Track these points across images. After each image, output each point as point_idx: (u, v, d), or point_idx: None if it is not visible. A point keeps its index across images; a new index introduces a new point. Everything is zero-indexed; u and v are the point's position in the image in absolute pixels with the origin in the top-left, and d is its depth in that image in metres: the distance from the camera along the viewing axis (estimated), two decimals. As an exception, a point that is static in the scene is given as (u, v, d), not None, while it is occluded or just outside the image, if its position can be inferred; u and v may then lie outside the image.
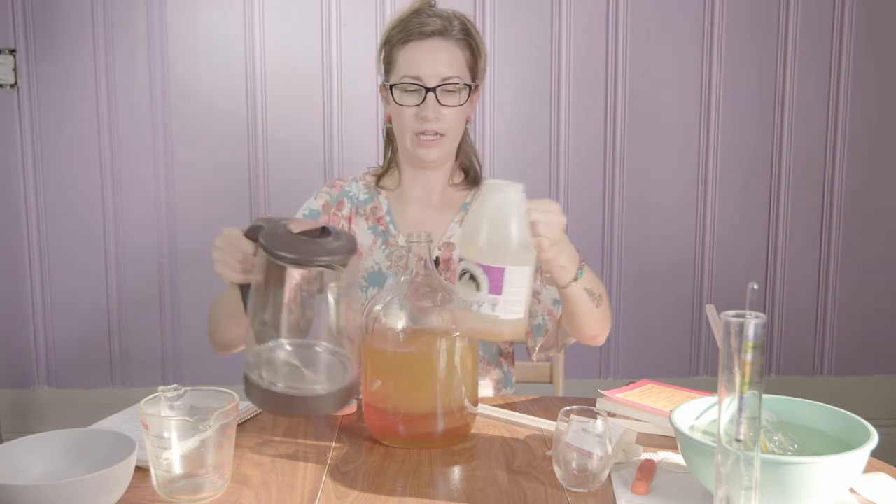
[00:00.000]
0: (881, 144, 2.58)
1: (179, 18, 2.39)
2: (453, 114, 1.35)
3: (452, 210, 1.46)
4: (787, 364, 2.66)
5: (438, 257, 1.42)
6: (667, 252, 2.58)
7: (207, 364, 2.49)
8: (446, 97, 1.33)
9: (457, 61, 1.34)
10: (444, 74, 1.32)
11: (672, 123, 2.53)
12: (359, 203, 1.46)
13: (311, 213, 1.45)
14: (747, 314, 0.77)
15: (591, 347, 2.64)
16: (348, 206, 1.45)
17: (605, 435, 0.98)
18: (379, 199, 1.46)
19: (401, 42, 1.34)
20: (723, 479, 0.80)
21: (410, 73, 1.32)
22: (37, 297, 2.46)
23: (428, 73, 1.32)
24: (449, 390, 1.12)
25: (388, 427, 1.13)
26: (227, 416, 0.98)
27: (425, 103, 1.32)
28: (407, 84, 1.33)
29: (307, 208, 1.46)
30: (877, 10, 2.52)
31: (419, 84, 1.32)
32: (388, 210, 1.45)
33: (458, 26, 1.35)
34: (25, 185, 2.42)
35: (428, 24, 1.32)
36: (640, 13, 2.47)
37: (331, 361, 1.01)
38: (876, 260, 2.63)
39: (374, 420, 1.15)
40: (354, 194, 1.46)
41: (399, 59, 1.34)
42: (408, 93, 1.34)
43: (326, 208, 1.45)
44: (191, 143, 2.44)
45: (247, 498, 0.98)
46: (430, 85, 1.32)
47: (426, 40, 1.32)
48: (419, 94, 1.33)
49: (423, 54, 1.32)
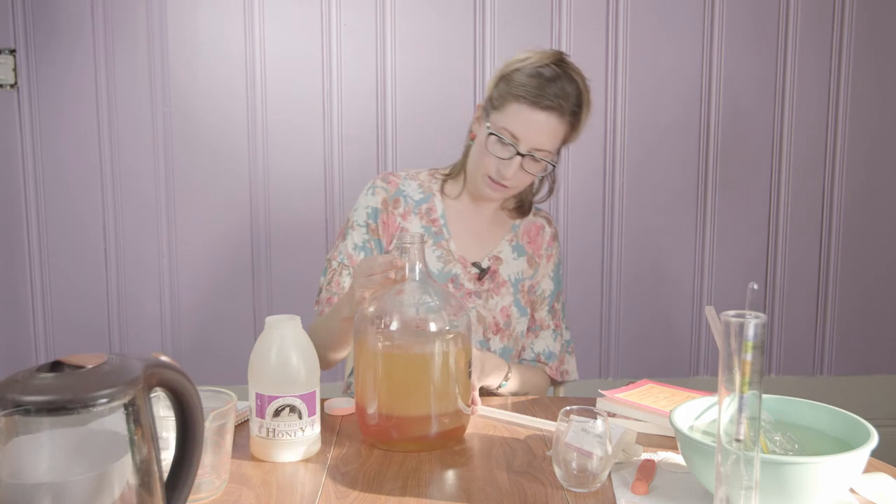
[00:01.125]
0: (881, 144, 2.58)
1: (179, 19, 2.39)
2: (528, 178, 1.40)
3: (503, 228, 1.52)
4: (787, 364, 2.66)
5: (489, 267, 1.47)
6: (667, 252, 2.58)
7: (206, 364, 2.49)
8: (531, 164, 1.37)
9: (556, 137, 1.37)
10: (539, 146, 1.36)
11: (672, 123, 2.53)
12: (414, 203, 1.48)
13: (372, 212, 1.46)
14: (747, 314, 0.77)
15: (591, 347, 2.65)
16: (403, 205, 1.47)
17: (605, 435, 0.97)
18: (434, 201, 1.49)
19: (517, 96, 1.34)
20: (723, 479, 0.79)
21: (512, 130, 1.35)
22: (37, 297, 2.46)
23: (526, 140, 1.35)
24: (443, 392, 1.12)
25: (382, 431, 1.13)
26: (225, 416, 0.98)
27: (510, 162, 1.36)
28: (504, 137, 1.35)
29: (367, 206, 1.47)
30: (877, 10, 2.52)
31: (514, 144, 1.35)
32: (443, 214, 1.48)
33: (573, 103, 1.36)
34: (25, 185, 2.42)
35: (548, 96, 1.33)
36: (640, 13, 2.47)
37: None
38: (876, 260, 2.63)
39: (367, 424, 1.15)
40: (409, 194, 1.49)
41: (508, 109, 1.35)
42: (501, 144, 1.36)
43: (385, 205, 1.46)
44: (191, 143, 2.44)
45: (247, 498, 0.98)
46: (522, 150, 1.35)
47: (540, 111, 1.34)
48: (509, 151, 1.35)
49: (532, 122, 1.34)
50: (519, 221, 1.54)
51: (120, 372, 0.73)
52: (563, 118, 1.36)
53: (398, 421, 1.11)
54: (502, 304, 1.47)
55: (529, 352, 1.54)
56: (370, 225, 1.46)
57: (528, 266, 1.52)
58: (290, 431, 1.08)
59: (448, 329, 1.13)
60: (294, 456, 1.09)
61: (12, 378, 0.72)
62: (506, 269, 1.49)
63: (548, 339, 1.54)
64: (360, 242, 1.45)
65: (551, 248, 1.55)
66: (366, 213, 1.46)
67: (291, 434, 1.08)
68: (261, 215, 2.47)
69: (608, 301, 2.58)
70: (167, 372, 0.78)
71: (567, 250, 2.54)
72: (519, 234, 1.53)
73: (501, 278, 1.48)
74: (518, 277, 1.50)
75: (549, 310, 1.54)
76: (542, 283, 1.53)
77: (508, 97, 1.36)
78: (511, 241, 1.51)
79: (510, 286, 1.48)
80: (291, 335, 1.10)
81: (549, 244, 1.55)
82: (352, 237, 1.46)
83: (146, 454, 0.75)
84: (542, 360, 1.53)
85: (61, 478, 0.79)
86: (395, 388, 1.12)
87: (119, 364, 0.73)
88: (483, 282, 1.46)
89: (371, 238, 1.46)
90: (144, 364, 0.75)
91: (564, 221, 2.53)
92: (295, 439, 1.08)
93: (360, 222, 1.46)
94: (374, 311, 1.14)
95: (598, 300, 2.58)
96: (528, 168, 1.37)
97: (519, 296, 1.49)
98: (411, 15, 2.43)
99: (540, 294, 1.53)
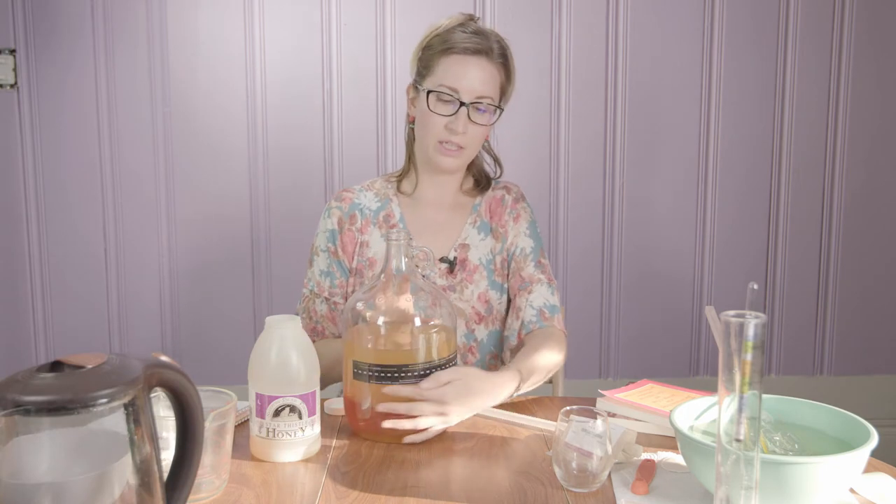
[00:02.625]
0: (881, 144, 2.58)
1: (179, 19, 2.39)
2: (479, 131, 1.40)
3: (464, 212, 1.50)
4: (787, 364, 2.66)
5: (456, 258, 1.47)
6: (667, 252, 2.58)
7: (206, 364, 2.50)
8: (476, 114, 1.38)
9: (493, 82, 1.38)
10: (480, 92, 1.36)
11: (672, 123, 2.53)
12: (371, 213, 1.48)
13: (330, 235, 1.48)
14: (747, 314, 0.76)
15: (591, 347, 2.65)
16: (360, 219, 1.48)
17: (605, 435, 0.97)
18: (391, 206, 1.49)
19: (443, 51, 1.37)
20: (723, 479, 0.79)
21: (449, 84, 1.36)
22: (37, 297, 2.46)
23: (465, 88, 1.36)
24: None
25: (369, 422, 1.15)
26: (225, 416, 0.98)
27: (457, 116, 1.36)
28: (443, 93, 1.36)
29: (325, 230, 1.48)
30: (877, 10, 2.52)
31: (455, 96, 1.36)
32: (401, 217, 1.48)
33: (497, 49, 1.39)
34: (25, 185, 2.42)
35: (473, 41, 1.36)
36: (640, 13, 2.47)
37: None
38: (876, 260, 2.63)
39: (354, 417, 1.17)
40: (365, 205, 1.49)
41: (438, 68, 1.37)
42: (442, 102, 1.37)
43: (341, 224, 1.48)
44: (191, 142, 2.44)
45: (247, 498, 0.98)
46: (465, 99, 1.36)
47: (469, 56, 1.36)
48: (452, 106, 1.36)
49: (465, 69, 1.36)
50: (479, 199, 1.51)
51: (120, 372, 0.73)
52: (494, 61, 1.38)
53: (386, 414, 1.13)
54: (478, 291, 1.46)
55: (529, 310, 1.44)
56: (330, 248, 1.48)
57: (494, 241, 1.49)
58: (290, 431, 1.08)
59: (433, 324, 1.16)
60: (294, 456, 1.09)
61: (12, 378, 0.72)
62: (475, 254, 1.47)
63: (544, 293, 1.46)
64: (324, 268, 1.47)
65: (516, 209, 1.51)
66: (325, 237, 1.48)
67: (291, 434, 1.08)
68: (261, 215, 2.47)
69: (608, 301, 2.58)
70: (167, 372, 0.78)
71: (567, 250, 2.54)
72: (481, 213, 1.51)
73: (472, 264, 1.47)
74: (489, 258, 1.48)
75: (536, 265, 1.48)
76: (518, 242, 1.49)
77: (435, 57, 1.38)
78: (475, 223, 1.49)
79: (482, 269, 1.47)
80: (291, 335, 1.10)
81: (513, 207, 1.51)
82: (317, 263, 1.48)
83: (146, 454, 0.75)
84: (547, 315, 1.45)
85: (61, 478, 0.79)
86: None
87: (119, 364, 0.74)
88: (455, 274, 1.46)
89: (333, 261, 1.47)
90: (144, 364, 0.75)
91: (564, 221, 2.53)
92: (295, 439, 1.08)
93: (322, 248, 1.48)
94: (360, 306, 1.16)
95: (598, 300, 2.58)
96: (476, 119, 1.37)
97: (494, 277, 1.48)
98: (411, 15, 2.43)
99: (521, 253, 1.48)
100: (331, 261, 1.47)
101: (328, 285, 1.46)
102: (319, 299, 1.46)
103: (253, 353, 1.10)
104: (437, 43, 1.38)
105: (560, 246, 2.54)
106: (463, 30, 1.37)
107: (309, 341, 1.12)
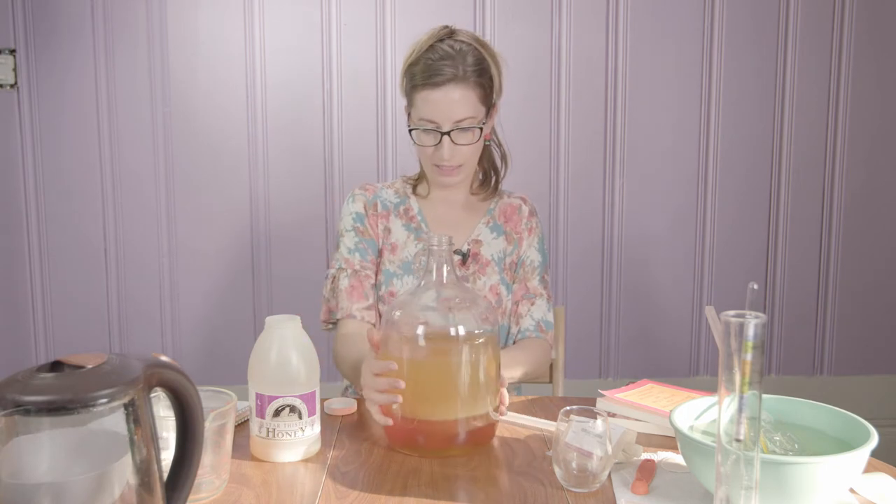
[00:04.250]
0: (881, 144, 2.58)
1: (179, 19, 2.39)
2: (468, 149, 1.44)
3: (478, 214, 1.57)
4: (787, 364, 2.66)
5: (469, 250, 1.52)
6: (667, 252, 2.58)
7: (206, 364, 2.50)
8: (460, 136, 1.41)
9: (469, 102, 1.40)
10: (458, 116, 1.40)
11: (672, 123, 2.53)
12: (392, 205, 1.55)
13: (357, 216, 1.53)
14: (747, 314, 0.76)
15: (591, 347, 2.65)
16: (381, 208, 1.55)
17: (605, 435, 0.97)
18: (409, 202, 1.56)
19: (416, 87, 1.41)
20: (723, 479, 0.79)
21: (427, 117, 1.41)
22: (37, 297, 2.46)
23: (442, 118, 1.40)
24: (472, 398, 1.10)
25: (408, 436, 1.11)
26: (225, 416, 0.98)
27: (441, 145, 1.41)
28: (424, 125, 1.42)
29: (351, 213, 1.54)
30: (877, 10, 2.52)
31: (435, 128, 1.41)
32: (419, 211, 1.55)
33: (470, 65, 1.40)
34: (25, 185, 2.42)
35: (440, 73, 1.38)
36: (640, 13, 2.47)
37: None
38: (876, 260, 2.63)
39: (393, 429, 1.13)
40: (386, 198, 1.56)
41: (416, 101, 1.42)
42: (426, 133, 1.43)
43: (366, 209, 1.54)
44: (191, 143, 2.44)
45: (247, 498, 0.98)
46: (444, 129, 1.40)
47: (439, 88, 1.38)
48: (435, 136, 1.42)
49: (437, 101, 1.39)
50: (493, 204, 1.58)
51: (120, 372, 0.73)
52: (466, 82, 1.39)
53: (425, 426, 1.09)
54: (490, 283, 1.52)
55: (529, 320, 1.52)
56: (358, 228, 1.52)
57: (506, 243, 1.56)
58: (290, 431, 1.08)
59: (477, 333, 1.10)
60: (294, 456, 1.09)
61: (12, 378, 0.72)
62: (487, 250, 1.53)
63: (543, 309, 1.54)
64: (352, 245, 1.51)
65: (531, 223, 1.58)
66: (351, 218, 1.53)
67: (291, 434, 1.08)
68: (261, 215, 2.47)
69: (608, 301, 2.58)
70: (167, 372, 0.78)
71: (567, 250, 2.54)
72: (495, 216, 1.57)
73: (484, 259, 1.53)
74: (500, 256, 1.54)
75: (541, 280, 1.56)
76: (529, 253, 1.56)
77: (412, 91, 1.43)
78: (488, 223, 1.56)
79: (494, 265, 1.53)
80: (291, 335, 1.10)
81: (529, 219, 1.58)
82: (344, 242, 1.53)
83: (146, 454, 0.75)
84: (543, 328, 1.53)
85: (61, 478, 0.79)
86: (424, 394, 1.10)
87: (119, 364, 0.73)
88: (467, 266, 1.52)
89: (362, 239, 1.52)
90: (144, 364, 0.75)
91: (564, 221, 2.53)
92: (295, 439, 1.08)
93: (349, 227, 1.53)
94: (400, 316, 1.12)
95: (598, 300, 2.58)
96: (460, 141, 1.41)
97: (503, 273, 1.54)
98: (411, 15, 2.43)
99: (529, 265, 1.56)
100: (360, 238, 1.52)
101: (358, 259, 1.50)
102: (345, 273, 1.49)
103: (253, 353, 1.10)
104: (409, 73, 1.43)
105: (560, 246, 2.54)
106: (430, 58, 1.39)
107: (309, 341, 1.12)
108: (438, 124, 1.40)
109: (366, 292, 1.48)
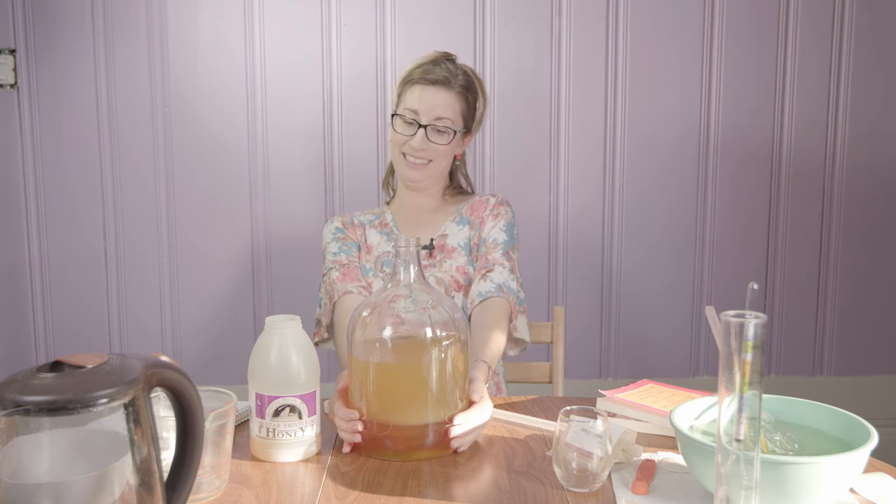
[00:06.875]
0: (881, 144, 2.58)
1: (179, 19, 2.39)
2: (440, 148, 1.57)
3: (446, 214, 1.67)
4: (787, 364, 2.66)
5: (434, 243, 1.60)
6: (667, 252, 2.57)
7: (206, 364, 2.50)
8: (435, 135, 1.56)
9: (451, 108, 1.56)
10: (438, 114, 1.55)
11: (672, 123, 2.53)
12: (367, 222, 1.68)
13: (337, 230, 1.65)
14: (747, 314, 0.76)
15: (591, 347, 2.65)
16: (358, 224, 1.67)
17: (605, 435, 0.97)
18: (385, 215, 1.68)
19: (409, 82, 1.58)
20: (723, 479, 0.79)
21: (410, 107, 1.56)
22: (37, 297, 2.46)
23: (424, 110, 1.55)
24: (441, 399, 1.10)
25: (376, 440, 1.10)
26: (225, 416, 0.98)
27: (416, 135, 1.55)
28: (406, 115, 1.56)
29: (330, 230, 1.65)
30: (877, 10, 2.52)
31: (414, 118, 1.55)
32: (392, 220, 1.67)
33: (461, 81, 1.58)
34: (25, 186, 2.42)
35: (435, 73, 1.56)
36: (640, 13, 2.47)
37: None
38: (876, 260, 2.63)
39: (362, 434, 1.11)
40: (363, 219, 1.69)
41: (406, 96, 1.58)
42: (406, 123, 1.57)
43: (344, 224, 1.67)
44: (191, 143, 2.44)
45: (247, 498, 0.98)
46: (423, 121, 1.55)
47: (429, 85, 1.56)
48: (413, 127, 1.55)
49: (423, 94, 1.56)
50: (463, 204, 1.66)
51: (120, 372, 0.73)
52: (453, 90, 1.56)
53: (394, 430, 1.09)
54: (457, 264, 1.58)
55: (489, 283, 1.52)
56: (339, 237, 1.63)
57: (470, 230, 1.62)
58: (290, 431, 1.08)
59: (445, 335, 1.10)
60: (294, 456, 1.09)
61: (12, 378, 0.72)
62: (453, 240, 1.61)
63: (505, 275, 1.54)
64: (336, 250, 1.61)
65: (497, 210, 1.64)
66: (332, 233, 1.65)
67: (291, 434, 1.08)
68: (261, 215, 2.47)
69: (608, 301, 2.58)
70: (167, 372, 0.78)
71: (567, 250, 2.54)
72: (463, 212, 1.65)
73: (450, 247, 1.60)
74: (465, 241, 1.61)
75: (503, 253, 1.58)
76: (493, 233, 1.60)
77: (405, 88, 1.59)
78: (455, 220, 1.64)
79: (460, 250, 1.60)
80: (291, 335, 1.10)
81: (495, 207, 1.64)
82: (329, 250, 1.63)
83: (146, 454, 0.75)
84: (505, 290, 1.52)
85: (61, 478, 0.79)
86: (391, 397, 1.10)
87: (119, 364, 0.74)
88: (433, 255, 1.60)
89: (345, 243, 1.62)
90: (144, 364, 0.75)
91: (564, 221, 2.53)
92: (295, 439, 1.08)
93: (330, 240, 1.64)
94: (367, 317, 1.11)
95: (598, 300, 2.58)
96: (433, 138, 1.55)
97: (470, 256, 1.60)
98: (411, 15, 2.43)
99: (492, 242, 1.59)
100: (342, 243, 1.62)
101: (345, 256, 1.60)
102: (335, 268, 1.58)
103: (253, 353, 1.10)
104: (407, 75, 1.59)
105: (560, 246, 2.54)
106: (430, 63, 1.58)
107: (309, 341, 1.12)
108: (419, 116, 1.54)
109: (358, 276, 1.56)
